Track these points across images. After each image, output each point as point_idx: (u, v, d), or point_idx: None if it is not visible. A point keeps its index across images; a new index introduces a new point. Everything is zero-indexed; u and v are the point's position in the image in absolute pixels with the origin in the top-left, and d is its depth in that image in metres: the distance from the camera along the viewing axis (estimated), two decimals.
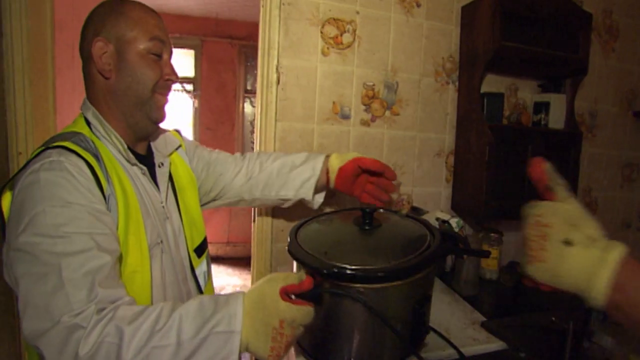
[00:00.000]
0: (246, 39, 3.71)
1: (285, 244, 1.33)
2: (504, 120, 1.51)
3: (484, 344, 0.92)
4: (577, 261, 0.46)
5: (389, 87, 1.39)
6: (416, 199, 1.47)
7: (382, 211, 0.90)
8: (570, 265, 0.46)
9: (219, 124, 3.80)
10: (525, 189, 1.40)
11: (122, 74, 0.70)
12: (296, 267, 0.71)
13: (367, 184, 1.03)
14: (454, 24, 1.44)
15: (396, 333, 0.62)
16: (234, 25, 3.71)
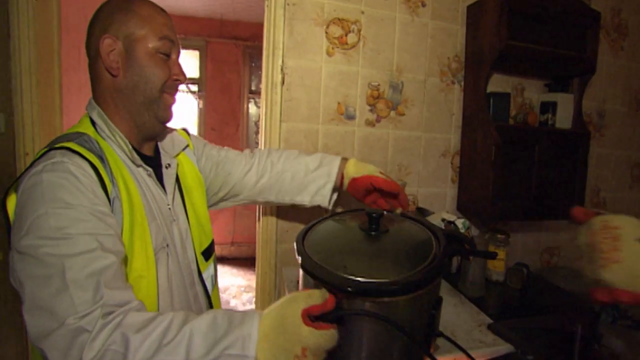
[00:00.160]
0: (251, 40, 3.72)
1: (290, 244, 1.35)
2: (510, 120, 1.50)
3: (490, 346, 0.91)
4: None
5: (394, 87, 1.38)
6: (421, 200, 1.46)
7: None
8: None
9: (223, 125, 3.82)
10: (532, 189, 1.39)
11: (130, 73, 0.69)
12: (302, 277, 0.67)
13: (379, 199, 0.99)
14: (459, 23, 1.43)
15: (421, 346, 0.60)
16: (238, 26, 3.72)
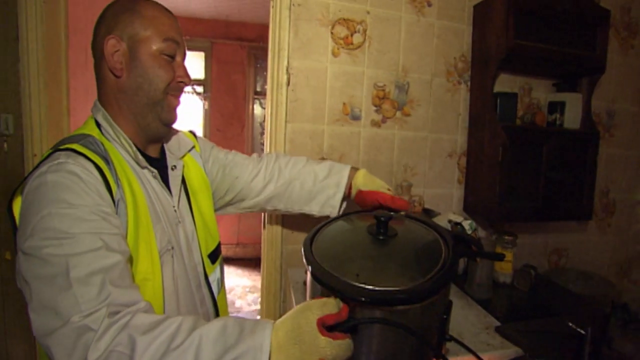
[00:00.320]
0: (256, 41, 3.73)
1: (295, 245, 1.35)
2: (518, 120, 1.48)
3: (498, 349, 0.90)
4: None
5: (399, 88, 1.37)
6: (428, 201, 1.45)
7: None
8: None
9: (228, 126, 3.83)
10: (539, 190, 1.37)
11: (134, 74, 0.69)
12: (311, 284, 0.65)
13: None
14: (465, 23, 1.42)
15: (435, 352, 0.59)
16: (243, 27, 3.74)
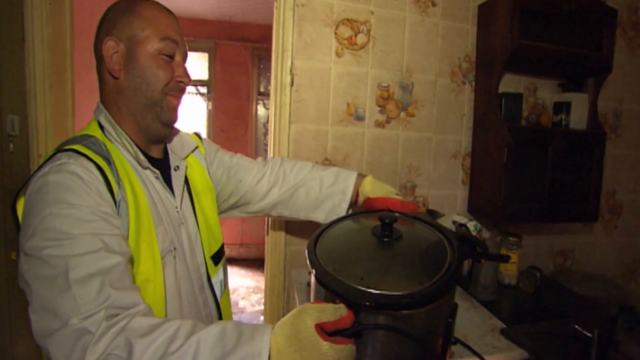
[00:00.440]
0: (259, 42, 3.74)
1: (299, 246, 1.35)
2: (523, 121, 1.47)
3: (504, 352, 0.89)
4: None
5: (404, 88, 1.37)
6: (432, 202, 1.45)
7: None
8: None
9: (232, 126, 3.84)
10: (545, 191, 1.36)
11: (132, 75, 0.68)
12: (315, 287, 0.64)
13: None
14: (470, 23, 1.41)
15: (440, 357, 0.58)
16: (247, 28, 3.75)
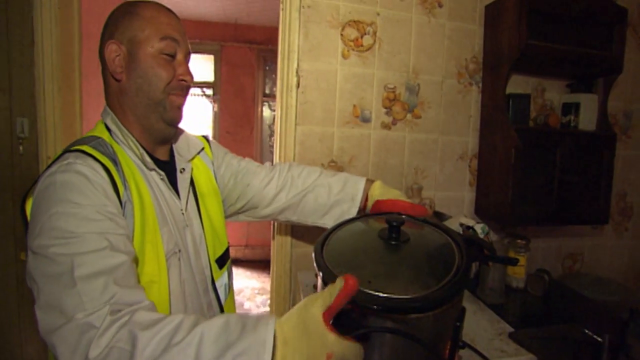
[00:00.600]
0: (265, 44, 3.75)
1: (305, 248, 1.35)
2: (531, 122, 1.46)
3: (512, 356, 0.88)
4: None
5: (410, 90, 1.36)
6: (439, 204, 1.44)
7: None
8: None
9: (238, 128, 3.85)
10: (553, 193, 1.35)
11: (133, 75, 0.69)
12: (321, 288, 0.63)
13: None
14: (477, 23, 1.40)
15: None
16: (253, 30, 3.76)
